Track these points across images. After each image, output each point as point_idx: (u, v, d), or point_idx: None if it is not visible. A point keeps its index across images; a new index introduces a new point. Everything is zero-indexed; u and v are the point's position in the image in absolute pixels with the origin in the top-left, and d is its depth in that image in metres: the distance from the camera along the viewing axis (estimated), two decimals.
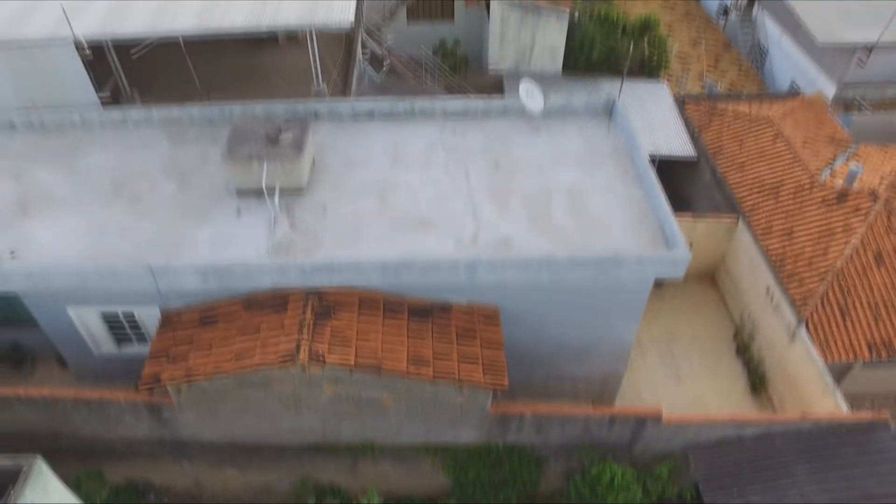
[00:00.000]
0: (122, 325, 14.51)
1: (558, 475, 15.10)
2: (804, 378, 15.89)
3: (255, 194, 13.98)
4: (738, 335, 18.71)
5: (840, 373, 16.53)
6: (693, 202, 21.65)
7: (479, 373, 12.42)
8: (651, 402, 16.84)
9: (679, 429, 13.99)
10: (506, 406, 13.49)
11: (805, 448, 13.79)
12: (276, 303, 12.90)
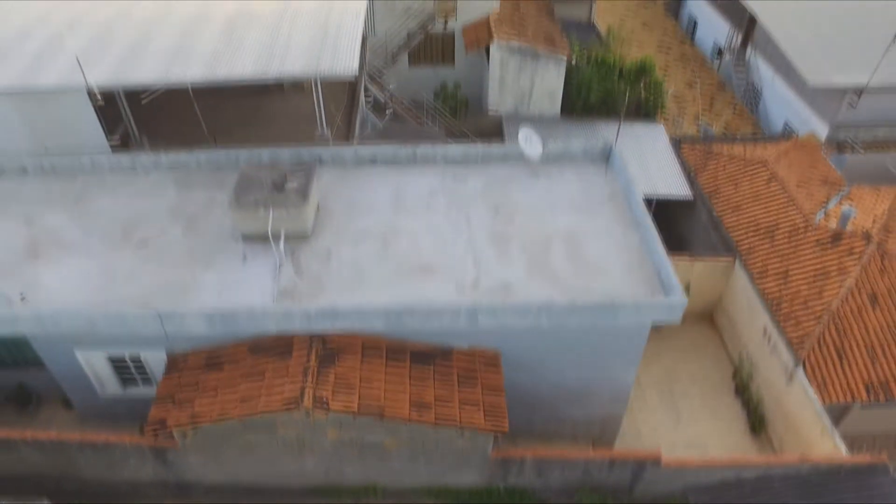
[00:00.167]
0: (128, 368, 14.72)
1: None
2: (803, 419, 15.99)
3: (261, 240, 14.28)
4: (736, 375, 18.82)
5: (839, 414, 16.60)
6: (691, 242, 21.94)
7: (480, 417, 12.59)
8: (651, 443, 16.89)
9: (678, 471, 14.05)
10: (507, 449, 13.62)
11: (804, 491, 13.82)
12: (280, 347, 13.13)
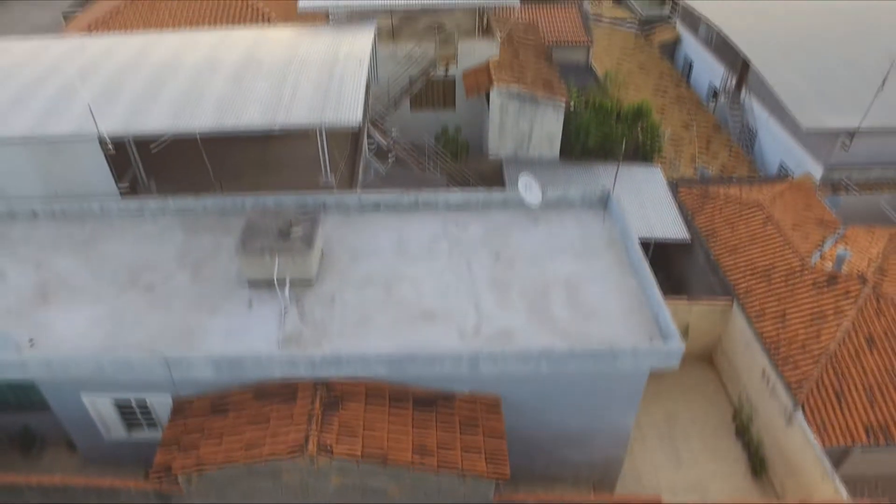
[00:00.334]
0: (133, 412, 14.89)
1: None
2: (804, 462, 16.04)
3: (267, 285, 14.58)
4: (736, 417, 18.91)
5: (840, 457, 16.64)
6: (689, 284, 22.22)
7: (481, 463, 12.72)
8: (652, 486, 16.95)
9: None
10: (508, 494, 13.67)
11: None
12: (285, 393, 13.32)
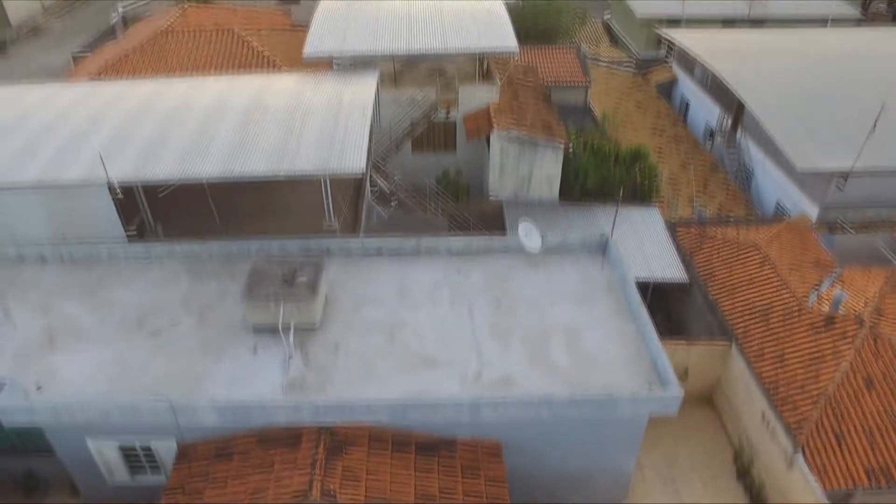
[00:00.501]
0: (138, 457, 14.99)
1: None
2: None
3: (271, 331, 14.82)
4: (737, 459, 18.93)
5: (842, 500, 16.62)
6: (688, 325, 22.37)
7: None
8: None
9: None
10: None
11: None
12: (289, 439, 13.47)
